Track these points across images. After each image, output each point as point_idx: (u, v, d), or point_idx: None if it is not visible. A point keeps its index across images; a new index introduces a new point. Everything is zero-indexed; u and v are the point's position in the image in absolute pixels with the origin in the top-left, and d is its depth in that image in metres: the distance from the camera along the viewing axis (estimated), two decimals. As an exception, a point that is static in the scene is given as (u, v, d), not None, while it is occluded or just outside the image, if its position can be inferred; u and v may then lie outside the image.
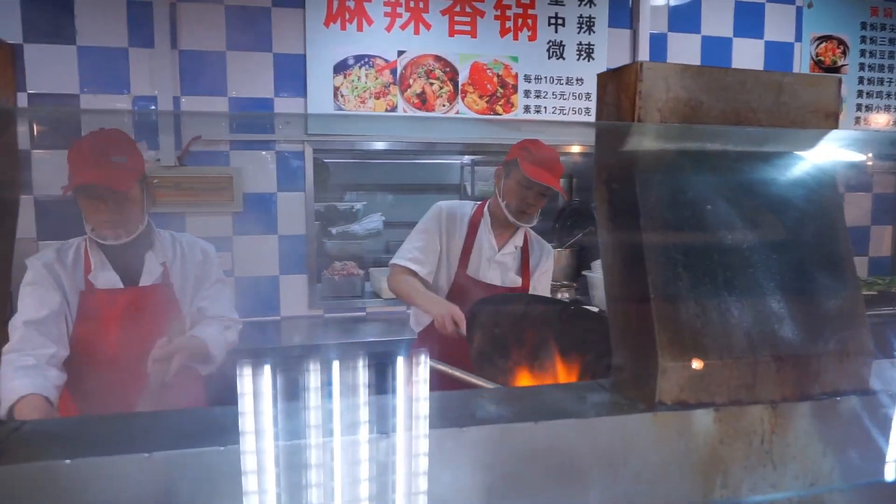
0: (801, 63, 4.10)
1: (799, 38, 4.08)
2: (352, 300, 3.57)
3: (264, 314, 3.42)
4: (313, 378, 0.70)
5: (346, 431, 0.69)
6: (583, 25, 3.68)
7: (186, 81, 3.24)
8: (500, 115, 3.62)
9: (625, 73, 0.80)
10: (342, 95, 3.40)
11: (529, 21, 3.60)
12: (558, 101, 3.69)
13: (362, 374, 0.72)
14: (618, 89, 0.81)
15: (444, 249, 2.20)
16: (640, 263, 0.76)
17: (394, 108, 3.48)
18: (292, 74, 3.34)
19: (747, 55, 4.00)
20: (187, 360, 1.78)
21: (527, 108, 3.65)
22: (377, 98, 3.45)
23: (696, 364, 0.73)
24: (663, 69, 0.79)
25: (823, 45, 4.12)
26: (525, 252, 2.32)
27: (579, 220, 4.00)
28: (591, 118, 3.75)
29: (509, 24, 3.57)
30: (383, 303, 3.55)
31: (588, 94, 3.73)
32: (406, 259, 2.19)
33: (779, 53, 4.06)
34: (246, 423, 0.67)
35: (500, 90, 3.61)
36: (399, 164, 5.93)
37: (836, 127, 0.86)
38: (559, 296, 3.48)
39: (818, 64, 4.13)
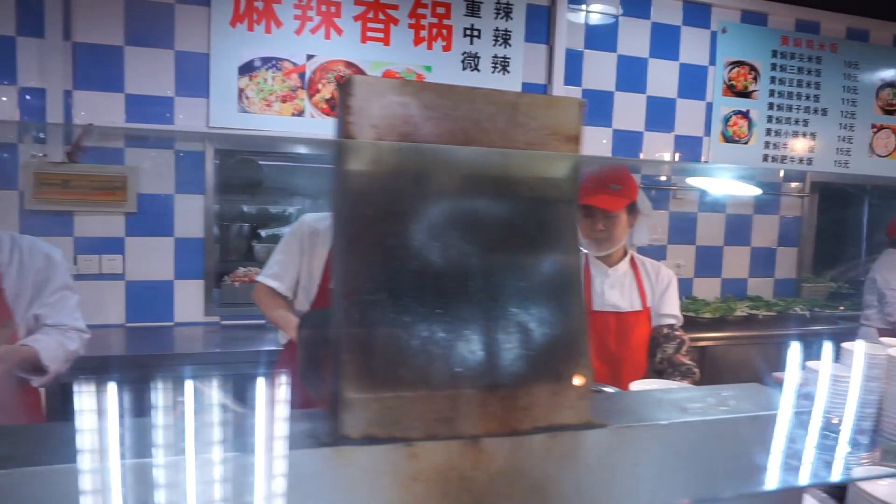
0: (714, 86, 4.20)
1: (713, 61, 4.18)
2: (251, 307, 3.46)
3: (156, 320, 3.29)
4: (162, 396, 0.65)
5: (200, 450, 0.64)
6: (499, 38, 3.69)
7: (80, 75, 3.10)
8: (411, 124, 3.58)
9: (343, 88, 0.76)
10: (247, 97, 3.31)
11: (444, 31, 3.59)
12: (472, 113, 3.67)
13: (216, 392, 0.68)
14: (341, 104, 0.77)
15: (305, 264, 2.14)
16: (341, 288, 0.72)
17: (301, 113, 3.41)
18: (195, 73, 3.24)
19: (663, 76, 4.08)
20: (15, 369, 1.68)
21: (440, 119, 3.62)
22: (283, 101, 3.37)
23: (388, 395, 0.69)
24: (378, 84, 0.76)
25: (736, 69, 4.24)
26: None
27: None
28: (505, 131, 3.75)
29: (424, 33, 3.55)
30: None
31: (502, 107, 3.73)
32: (266, 276, 2.15)
33: (693, 76, 4.15)
34: (85, 440, 0.61)
35: (413, 99, 3.57)
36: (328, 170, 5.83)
37: (577, 150, 0.84)
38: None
39: (730, 88, 4.24)
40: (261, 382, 0.68)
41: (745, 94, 4.28)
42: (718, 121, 4.23)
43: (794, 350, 1.66)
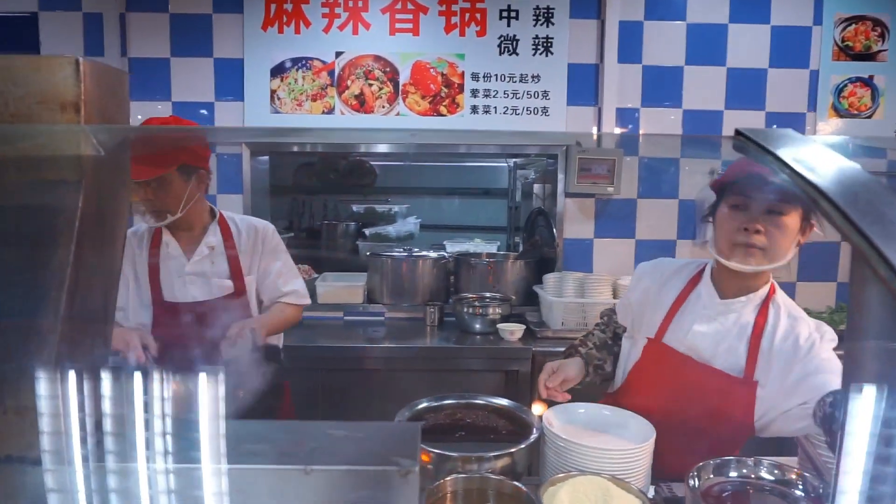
0: (822, 49, 3.46)
1: (819, 20, 3.45)
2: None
3: (202, 312, 3.50)
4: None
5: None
6: (540, 17, 3.38)
7: (135, 86, 3.41)
8: (444, 115, 3.43)
9: None
10: (279, 98, 3.40)
11: (478, 15, 3.37)
12: (510, 101, 3.42)
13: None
14: None
15: (133, 273, 2.06)
16: None
17: (331, 111, 3.42)
18: (231, 79, 3.40)
19: (749, 43, 3.45)
20: None
21: (474, 109, 3.42)
22: (314, 100, 3.41)
23: None
24: None
25: (853, 27, 3.46)
26: (231, 248, 2.12)
27: (541, 228, 3.68)
28: (550, 118, 3.44)
29: (455, 19, 3.37)
30: (320, 308, 3.47)
31: (546, 91, 3.42)
32: None
33: (791, 39, 3.46)
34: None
35: (445, 90, 3.42)
36: (445, 168, 5.89)
37: (76, 120, 0.68)
38: (492, 311, 3.21)
39: (844, 50, 3.47)
40: None
41: (867, 55, 3.47)
42: (828, 92, 3.49)
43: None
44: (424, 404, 1.58)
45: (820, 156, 0.66)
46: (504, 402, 1.60)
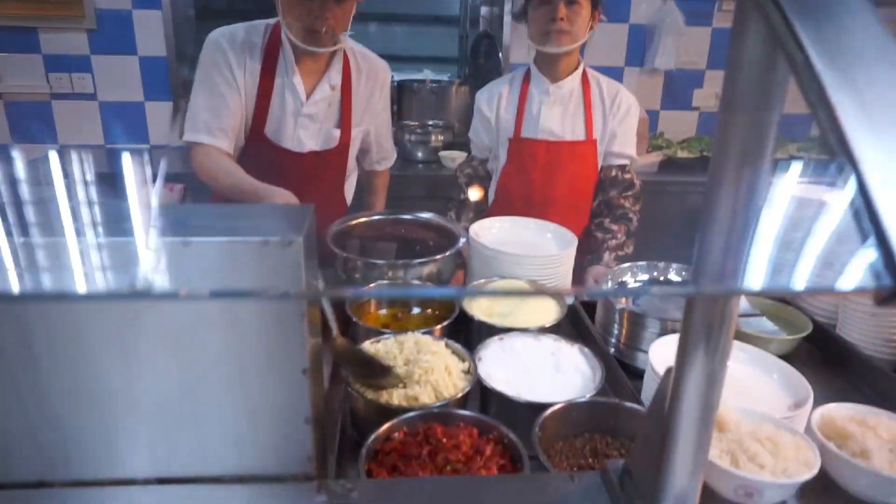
0: None
1: None
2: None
3: (133, 142, 3.34)
4: None
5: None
6: None
7: None
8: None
9: None
10: None
11: None
12: None
13: None
14: None
15: (240, 90, 1.67)
16: None
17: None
18: None
19: None
20: None
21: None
22: None
23: None
24: None
25: None
26: (346, 91, 1.79)
27: (487, 53, 3.52)
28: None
29: None
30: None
31: None
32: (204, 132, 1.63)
33: None
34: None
35: None
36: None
37: None
38: (434, 138, 3.16)
39: None
40: None
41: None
42: None
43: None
44: (353, 220, 1.59)
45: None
46: (430, 215, 1.63)
